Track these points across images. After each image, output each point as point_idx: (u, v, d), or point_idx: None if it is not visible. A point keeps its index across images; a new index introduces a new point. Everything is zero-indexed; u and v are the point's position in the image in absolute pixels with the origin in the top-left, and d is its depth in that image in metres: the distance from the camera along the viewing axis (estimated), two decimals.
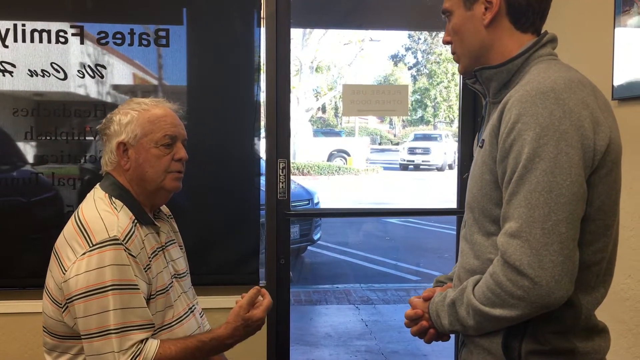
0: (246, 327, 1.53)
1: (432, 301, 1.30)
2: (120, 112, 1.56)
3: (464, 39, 1.28)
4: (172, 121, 1.57)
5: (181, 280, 1.67)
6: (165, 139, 1.54)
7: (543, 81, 1.12)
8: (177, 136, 1.57)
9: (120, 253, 1.40)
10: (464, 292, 1.20)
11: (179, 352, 1.45)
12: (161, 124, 1.54)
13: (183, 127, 1.61)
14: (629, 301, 1.94)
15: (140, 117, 1.54)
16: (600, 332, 1.21)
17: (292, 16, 2.53)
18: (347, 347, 4.26)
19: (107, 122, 1.57)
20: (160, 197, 1.61)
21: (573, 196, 1.07)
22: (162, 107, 1.59)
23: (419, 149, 16.66)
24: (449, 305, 1.23)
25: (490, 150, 1.18)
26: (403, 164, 16.85)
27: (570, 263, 1.07)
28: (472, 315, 1.17)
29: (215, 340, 1.51)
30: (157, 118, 1.55)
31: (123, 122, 1.53)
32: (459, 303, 1.21)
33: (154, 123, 1.54)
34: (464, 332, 1.24)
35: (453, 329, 1.24)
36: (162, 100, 1.63)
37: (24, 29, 2.31)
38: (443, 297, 1.27)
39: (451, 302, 1.23)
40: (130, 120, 1.53)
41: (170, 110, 1.60)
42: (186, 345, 1.47)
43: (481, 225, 1.22)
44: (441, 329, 1.27)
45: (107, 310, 1.37)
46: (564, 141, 1.07)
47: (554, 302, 1.08)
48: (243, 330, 1.53)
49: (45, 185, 2.38)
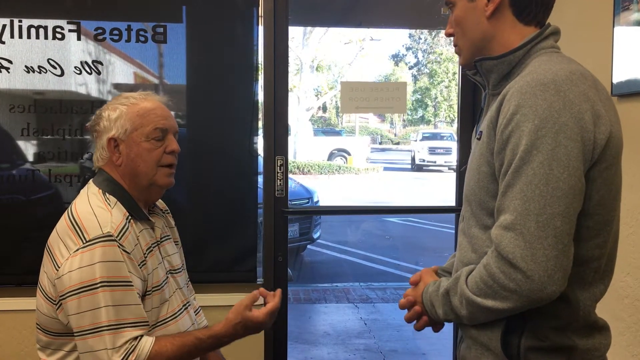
0: (245, 327, 1.49)
1: (426, 290, 1.29)
2: (109, 107, 1.54)
3: (465, 30, 1.26)
4: (162, 113, 1.55)
5: (177, 275, 1.65)
6: (155, 132, 1.52)
7: (544, 73, 1.10)
8: (168, 129, 1.55)
9: (114, 249, 1.39)
10: (457, 282, 1.20)
11: (175, 349, 1.42)
12: (151, 117, 1.52)
13: (174, 119, 1.59)
14: (627, 299, 1.93)
15: (129, 111, 1.51)
16: (601, 329, 1.20)
17: (290, 14, 2.52)
18: (345, 346, 4.25)
19: (97, 119, 1.55)
20: (154, 193, 1.59)
21: (570, 190, 1.05)
22: (151, 99, 1.57)
23: (440, 148, 16.11)
24: (443, 294, 1.23)
25: (487, 142, 1.16)
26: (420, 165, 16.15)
27: (564, 258, 1.06)
28: (464, 305, 1.17)
29: (213, 338, 1.49)
30: (146, 111, 1.52)
31: (112, 118, 1.51)
32: (452, 292, 1.21)
33: (143, 116, 1.52)
34: (458, 321, 1.24)
35: (447, 318, 1.24)
36: (151, 93, 1.60)
37: (20, 25, 2.30)
38: (437, 286, 1.26)
39: (445, 291, 1.22)
40: (119, 115, 1.51)
41: (159, 102, 1.57)
42: (183, 342, 1.45)
43: (479, 219, 1.21)
44: (436, 319, 1.27)
45: (99, 307, 1.36)
46: (563, 133, 1.05)
47: (546, 296, 1.06)
48: (242, 330, 1.50)
49: (44, 182, 2.37)
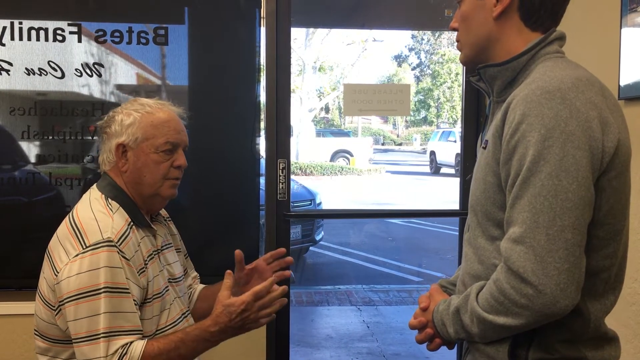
0: (229, 314, 1.40)
1: (437, 309, 1.25)
2: (123, 112, 1.51)
3: (470, 27, 1.24)
4: (176, 127, 1.52)
5: (176, 284, 1.63)
6: (166, 145, 1.49)
7: (549, 80, 1.07)
8: (179, 143, 1.53)
9: (113, 255, 1.37)
10: (467, 300, 1.16)
11: (162, 346, 1.38)
12: (164, 130, 1.49)
13: (186, 134, 1.56)
14: (635, 306, 1.90)
15: (143, 119, 1.49)
16: (611, 340, 1.17)
17: (293, 15, 2.50)
18: (348, 349, 4.22)
19: (109, 120, 1.52)
20: (156, 203, 1.57)
21: (580, 201, 1.02)
22: (167, 111, 1.53)
23: None
24: (453, 313, 1.19)
25: (493, 151, 1.14)
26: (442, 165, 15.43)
27: (577, 270, 1.03)
28: (475, 323, 1.13)
29: (198, 329, 1.42)
30: (160, 123, 1.50)
31: (125, 123, 1.48)
32: (462, 310, 1.17)
33: (157, 128, 1.49)
34: (469, 339, 1.20)
35: (459, 337, 1.20)
36: (167, 104, 1.57)
37: (20, 27, 2.28)
38: (447, 304, 1.23)
39: (455, 309, 1.19)
40: (132, 122, 1.48)
41: (174, 114, 1.55)
42: (169, 338, 1.41)
43: (485, 229, 1.18)
44: (447, 338, 1.23)
45: (97, 314, 1.34)
46: (571, 143, 1.02)
47: (559, 311, 1.03)
48: (226, 317, 1.40)
49: (45, 184, 2.35)
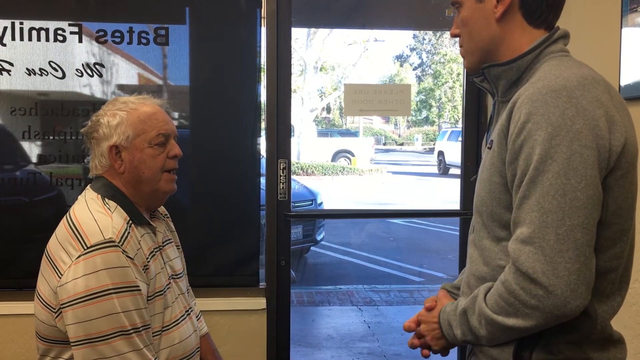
0: None
1: (443, 310, 1.24)
2: (107, 113, 1.50)
3: (473, 32, 1.22)
4: (164, 118, 1.53)
5: (179, 280, 1.63)
6: (159, 137, 1.50)
7: (555, 79, 1.07)
8: (169, 133, 1.53)
9: (118, 255, 1.37)
10: (475, 301, 1.15)
11: None
12: (153, 122, 1.50)
13: (173, 124, 1.57)
14: (635, 306, 1.90)
15: (129, 117, 1.48)
16: (616, 342, 1.17)
17: (293, 15, 2.50)
18: (349, 349, 4.22)
19: (94, 125, 1.50)
20: (157, 200, 1.57)
21: (588, 199, 1.01)
22: (150, 104, 1.54)
23: None
24: (461, 314, 1.17)
25: (499, 151, 1.13)
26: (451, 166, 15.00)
27: (587, 270, 1.02)
28: (484, 325, 1.12)
29: None
30: (147, 116, 1.50)
31: (113, 124, 1.47)
32: (470, 312, 1.15)
33: (145, 122, 1.49)
34: (476, 342, 1.17)
35: (466, 339, 1.18)
36: (148, 97, 1.57)
37: (21, 27, 2.29)
38: (454, 306, 1.21)
39: (462, 311, 1.17)
40: (120, 122, 1.48)
41: (158, 106, 1.55)
42: None
43: (490, 230, 1.17)
44: (453, 340, 1.21)
45: (115, 313, 1.34)
46: (578, 141, 1.01)
47: (570, 312, 1.02)
48: None
49: (46, 184, 2.35)
